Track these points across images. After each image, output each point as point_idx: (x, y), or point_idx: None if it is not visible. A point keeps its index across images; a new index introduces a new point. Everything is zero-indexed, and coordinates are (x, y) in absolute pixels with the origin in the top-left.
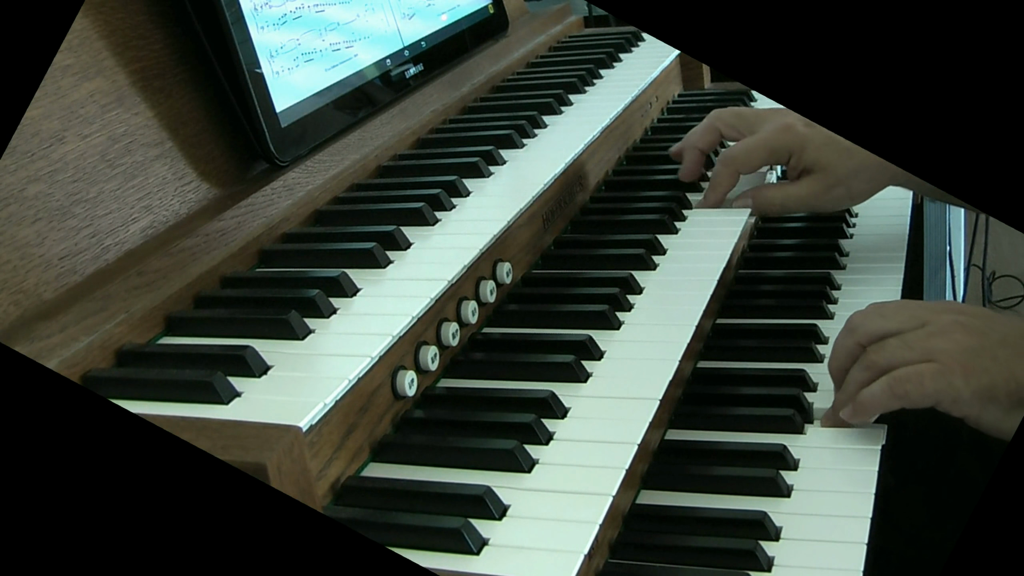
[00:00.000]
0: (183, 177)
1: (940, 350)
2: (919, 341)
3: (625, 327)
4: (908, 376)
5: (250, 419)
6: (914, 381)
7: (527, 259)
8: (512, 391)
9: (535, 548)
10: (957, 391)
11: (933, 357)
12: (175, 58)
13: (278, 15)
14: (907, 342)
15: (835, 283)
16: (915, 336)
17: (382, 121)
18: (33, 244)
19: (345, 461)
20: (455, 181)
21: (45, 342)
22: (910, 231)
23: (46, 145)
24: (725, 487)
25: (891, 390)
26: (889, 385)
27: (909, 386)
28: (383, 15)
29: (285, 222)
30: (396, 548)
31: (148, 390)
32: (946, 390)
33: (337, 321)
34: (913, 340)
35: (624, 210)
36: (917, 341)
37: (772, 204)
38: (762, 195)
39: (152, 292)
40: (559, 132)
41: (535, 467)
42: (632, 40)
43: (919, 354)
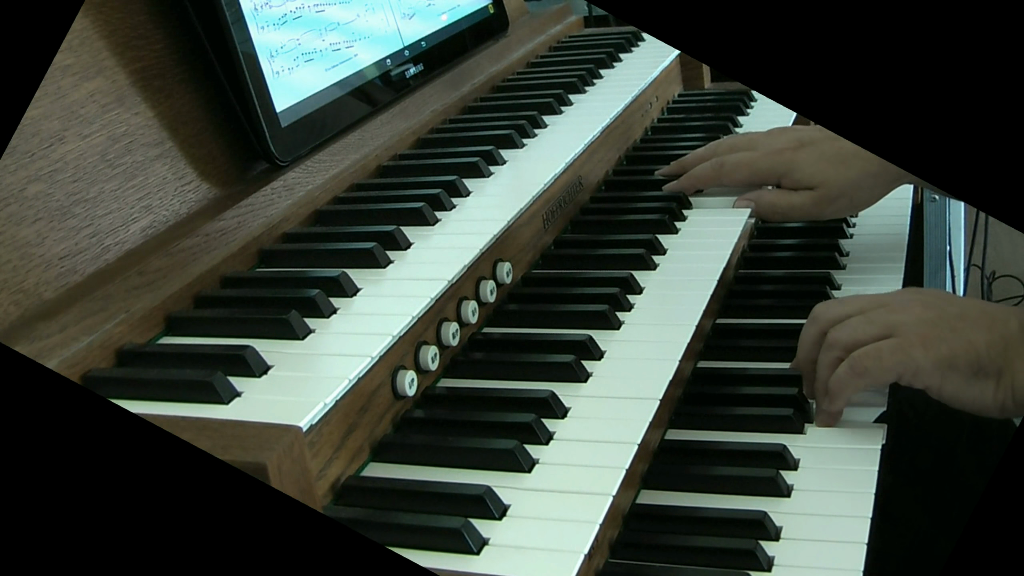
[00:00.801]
0: (183, 177)
1: (898, 323)
2: (879, 316)
3: (625, 327)
4: (867, 353)
5: (250, 419)
6: (872, 356)
7: (527, 259)
8: (512, 391)
9: (535, 548)
10: (917, 363)
11: (892, 331)
12: (175, 58)
13: (278, 15)
14: (868, 318)
15: (835, 283)
16: (875, 313)
17: (382, 121)
18: (33, 244)
19: (345, 461)
20: (455, 181)
21: (45, 342)
22: (910, 231)
23: (46, 145)
24: (725, 487)
25: (852, 369)
26: (850, 365)
27: (868, 362)
28: (383, 15)
29: (285, 222)
30: (396, 548)
31: (148, 390)
32: (906, 362)
33: (337, 321)
34: (873, 316)
35: (624, 210)
36: (877, 316)
37: (775, 211)
38: (765, 200)
39: (152, 292)
40: (559, 132)
41: (535, 467)
42: (632, 40)
43: (879, 328)
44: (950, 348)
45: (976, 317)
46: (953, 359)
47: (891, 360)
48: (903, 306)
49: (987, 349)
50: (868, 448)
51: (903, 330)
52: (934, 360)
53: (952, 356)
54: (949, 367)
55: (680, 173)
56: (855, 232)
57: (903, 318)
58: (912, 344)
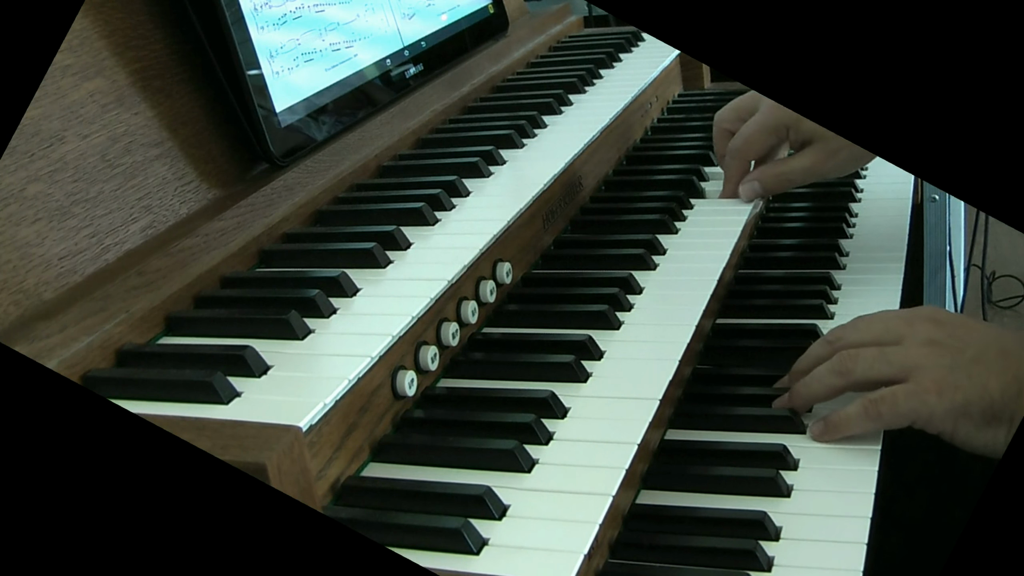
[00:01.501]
0: (183, 177)
1: (915, 367)
2: (896, 357)
3: (625, 327)
4: (883, 398)
5: (250, 419)
6: (888, 402)
7: (527, 259)
8: (512, 391)
9: (535, 548)
10: (931, 410)
11: (907, 375)
12: (175, 58)
13: (278, 15)
14: (885, 355)
15: (835, 283)
16: (893, 352)
17: (382, 121)
18: (33, 244)
19: (345, 461)
20: (455, 181)
21: (45, 342)
22: (910, 231)
23: (46, 145)
24: (725, 487)
25: (866, 413)
26: (864, 408)
27: (884, 407)
28: (383, 15)
29: (285, 222)
30: (396, 548)
31: (148, 390)
32: (919, 409)
33: (337, 321)
34: (891, 355)
35: (624, 210)
36: (894, 357)
37: (779, 180)
38: (767, 174)
39: (152, 292)
40: (559, 132)
41: (535, 467)
42: (632, 40)
43: (895, 369)
44: (964, 396)
45: (993, 358)
46: (967, 406)
47: (906, 407)
48: (920, 346)
49: (1001, 395)
50: (868, 448)
51: (919, 375)
52: (948, 408)
53: (966, 403)
54: (963, 414)
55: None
56: (855, 232)
57: (919, 361)
58: (927, 391)
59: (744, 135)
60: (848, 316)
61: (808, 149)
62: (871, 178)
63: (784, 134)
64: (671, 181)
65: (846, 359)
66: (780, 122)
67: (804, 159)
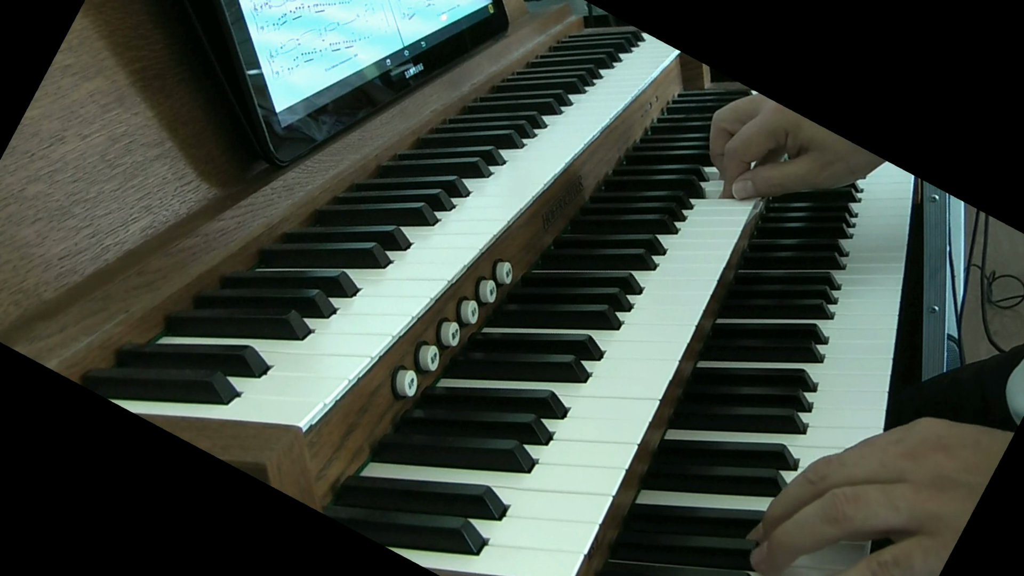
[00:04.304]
0: (183, 177)
1: (928, 516)
2: (904, 499)
3: (625, 327)
4: (896, 560)
5: (250, 419)
6: (903, 565)
7: (527, 259)
8: (512, 391)
9: (535, 548)
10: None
11: (920, 526)
12: (175, 58)
13: (278, 15)
14: (892, 500)
15: (835, 283)
16: (898, 493)
17: (382, 121)
18: (33, 244)
19: (345, 461)
20: (455, 181)
21: (45, 342)
22: (910, 231)
23: (46, 145)
24: (725, 487)
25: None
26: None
27: (896, 571)
28: (383, 15)
29: (285, 222)
30: (396, 548)
31: (148, 390)
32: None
33: (337, 321)
34: (899, 499)
35: (624, 210)
36: (902, 499)
37: (771, 184)
38: (760, 176)
39: (152, 292)
40: (559, 132)
41: (535, 467)
42: (632, 40)
43: (906, 518)
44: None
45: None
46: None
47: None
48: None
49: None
50: None
51: (934, 526)
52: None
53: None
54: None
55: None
56: (855, 232)
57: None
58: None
59: (743, 136)
60: (848, 316)
61: (804, 157)
62: (871, 178)
63: (783, 139)
64: (671, 181)
65: (843, 503)
66: (779, 127)
67: (799, 166)
